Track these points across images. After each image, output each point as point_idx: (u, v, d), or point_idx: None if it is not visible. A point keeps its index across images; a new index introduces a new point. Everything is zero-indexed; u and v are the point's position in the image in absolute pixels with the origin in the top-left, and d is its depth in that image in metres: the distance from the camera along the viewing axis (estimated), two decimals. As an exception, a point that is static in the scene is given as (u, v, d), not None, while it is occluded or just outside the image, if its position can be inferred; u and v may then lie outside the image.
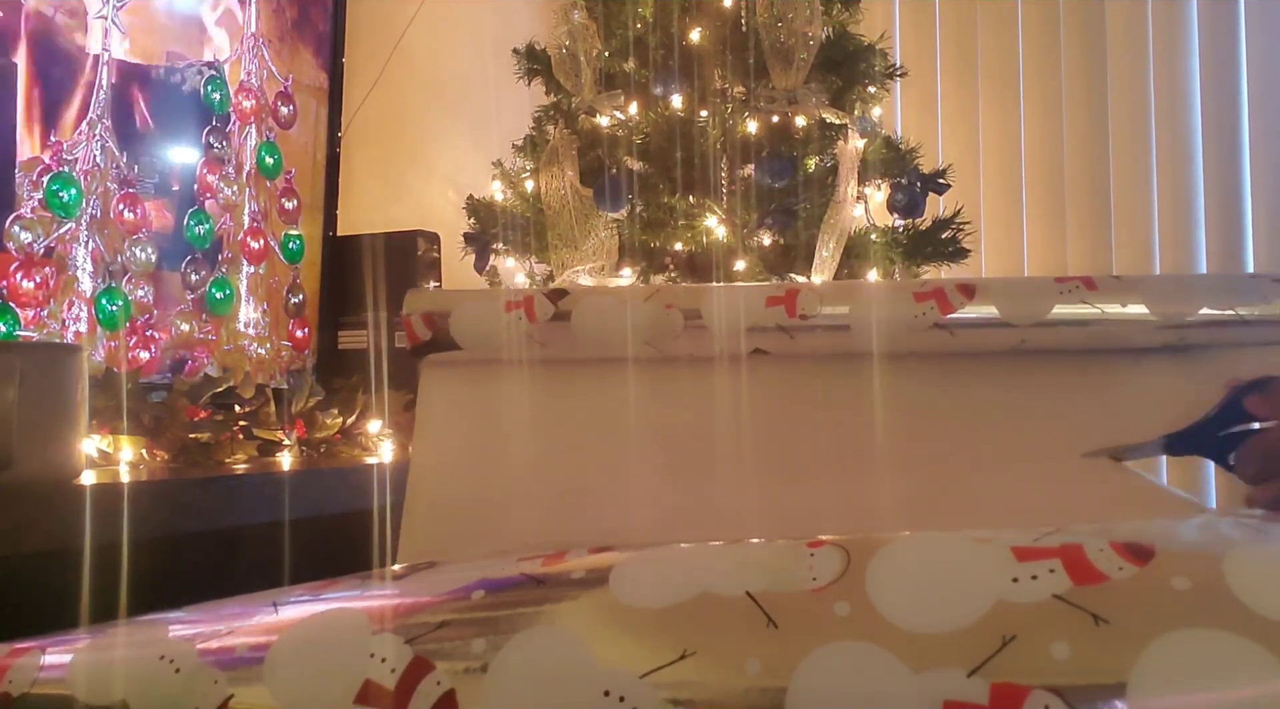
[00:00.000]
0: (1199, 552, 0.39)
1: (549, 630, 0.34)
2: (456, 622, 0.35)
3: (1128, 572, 0.36)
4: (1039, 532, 0.38)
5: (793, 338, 0.65)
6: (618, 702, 0.32)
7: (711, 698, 0.32)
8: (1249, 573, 0.35)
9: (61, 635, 0.43)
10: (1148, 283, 0.65)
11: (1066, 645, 0.29)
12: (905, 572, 0.36)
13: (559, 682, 0.33)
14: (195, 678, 0.37)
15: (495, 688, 0.34)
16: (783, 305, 0.64)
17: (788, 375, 0.66)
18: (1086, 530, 0.38)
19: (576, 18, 1.88)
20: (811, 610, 0.34)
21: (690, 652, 0.32)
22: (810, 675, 0.31)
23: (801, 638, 0.32)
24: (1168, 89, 2.49)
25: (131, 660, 0.39)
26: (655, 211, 1.88)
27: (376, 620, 0.37)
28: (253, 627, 0.39)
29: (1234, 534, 0.40)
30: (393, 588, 0.44)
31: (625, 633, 0.34)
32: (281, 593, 0.44)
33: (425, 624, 0.35)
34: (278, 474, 1.05)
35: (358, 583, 0.44)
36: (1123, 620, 0.32)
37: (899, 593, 0.35)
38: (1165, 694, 0.28)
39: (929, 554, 0.36)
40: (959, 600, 0.34)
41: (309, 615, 0.38)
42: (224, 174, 1.45)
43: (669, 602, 0.35)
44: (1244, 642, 0.31)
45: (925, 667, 0.30)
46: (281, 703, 0.36)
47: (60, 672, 0.40)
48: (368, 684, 0.35)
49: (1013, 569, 0.36)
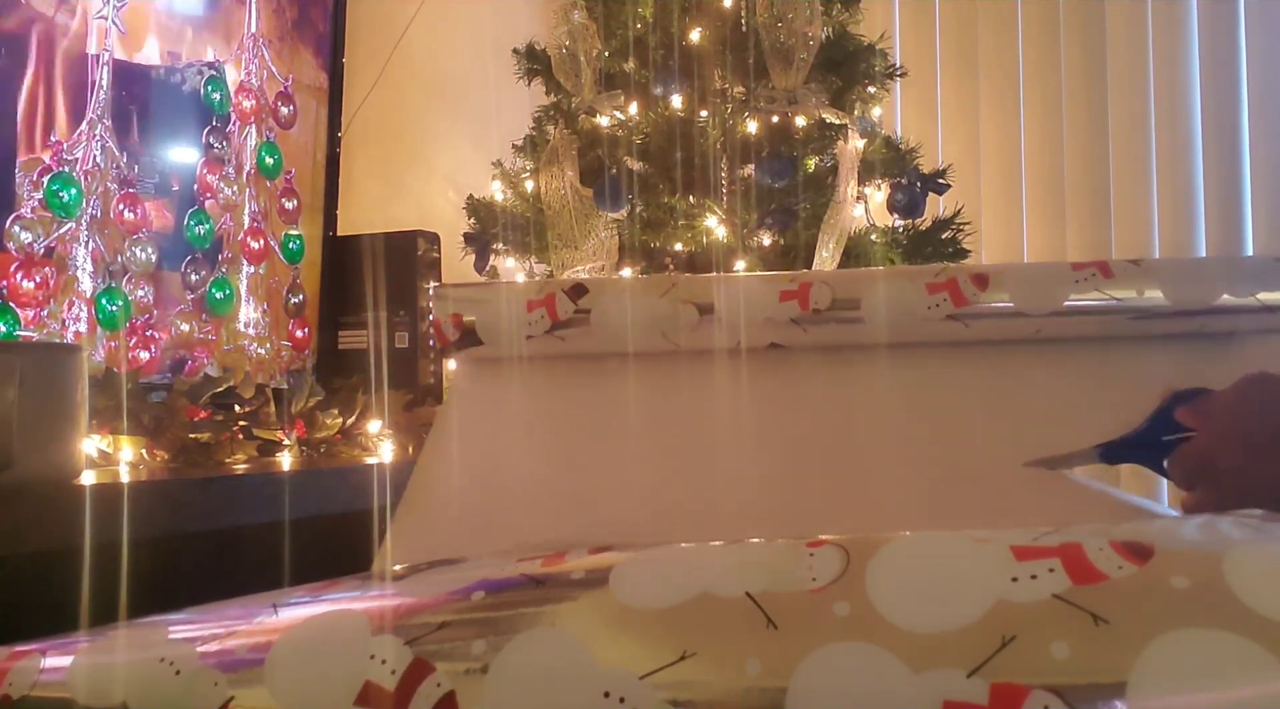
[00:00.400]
0: (1199, 551, 0.38)
1: (549, 632, 0.34)
2: (456, 623, 0.35)
3: (1127, 571, 0.36)
4: (1038, 531, 0.38)
5: (806, 331, 0.65)
6: (618, 703, 0.32)
7: (711, 699, 0.32)
8: (1249, 572, 0.35)
9: (61, 638, 0.43)
10: (1165, 269, 0.65)
11: (1066, 645, 0.29)
12: (905, 571, 0.36)
13: (559, 683, 0.33)
14: (196, 680, 0.37)
15: (495, 689, 0.33)
16: (795, 300, 0.65)
17: (800, 369, 0.66)
18: (1086, 530, 0.38)
19: (576, 18, 1.88)
20: (811, 611, 0.34)
21: (690, 653, 0.32)
22: (810, 676, 0.31)
23: (801, 638, 0.32)
24: (1168, 89, 2.49)
25: (132, 663, 0.39)
26: (655, 211, 1.88)
27: (376, 622, 0.36)
28: (253, 629, 0.39)
29: (1234, 534, 0.39)
30: (392, 589, 0.44)
31: (625, 634, 0.34)
32: (281, 594, 0.44)
33: (425, 625, 0.35)
34: (278, 474, 1.05)
35: (358, 584, 0.44)
36: (1122, 620, 0.32)
37: (899, 593, 0.35)
38: (1165, 694, 0.28)
39: (928, 554, 0.36)
40: (959, 600, 0.34)
41: (309, 617, 0.38)
42: (224, 174, 1.45)
43: (669, 602, 0.35)
44: (1244, 642, 0.31)
45: (925, 667, 0.30)
46: (282, 705, 0.36)
47: (60, 674, 0.40)
48: (368, 686, 0.35)
49: (1012, 569, 0.36)
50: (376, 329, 1.59)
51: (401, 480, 1.19)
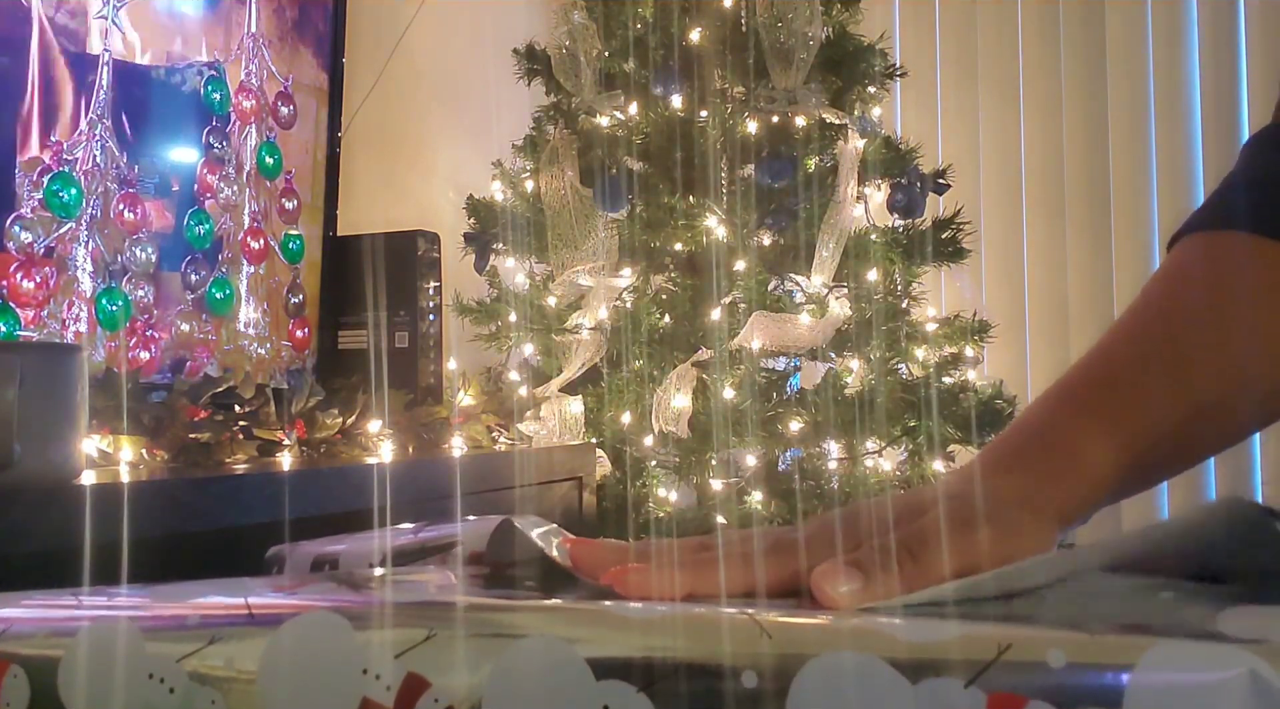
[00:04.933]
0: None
1: (546, 640, 0.34)
2: (449, 635, 0.35)
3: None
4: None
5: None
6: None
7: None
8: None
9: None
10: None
11: (1063, 654, 0.29)
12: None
13: (558, 694, 0.33)
14: (191, 698, 0.37)
15: (492, 702, 0.33)
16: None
17: None
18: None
19: (576, 18, 1.88)
20: (807, 621, 0.34)
21: (686, 661, 0.32)
22: (807, 686, 0.30)
23: (798, 648, 0.32)
24: (1168, 89, 2.49)
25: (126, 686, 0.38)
26: (655, 211, 1.88)
27: (366, 632, 0.36)
28: (237, 634, 0.38)
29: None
30: (379, 593, 0.44)
31: (623, 644, 0.34)
32: (247, 588, 0.42)
33: (416, 638, 0.35)
34: (278, 474, 1.05)
35: (333, 587, 0.43)
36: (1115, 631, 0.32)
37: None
38: (1163, 699, 0.28)
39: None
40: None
41: (292, 626, 0.37)
42: (224, 174, 1.45)
43: (663, 611, 0.35)
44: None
45: (922, 677, 0.30)
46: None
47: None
48: (365, 703, 0.34)
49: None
50: (376, 329, 1.59)
51: (401, 480, 1.20)
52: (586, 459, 1.51)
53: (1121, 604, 0.38)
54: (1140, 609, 0.37)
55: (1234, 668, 0.27)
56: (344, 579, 0.47)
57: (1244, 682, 0.27)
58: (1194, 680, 0.28)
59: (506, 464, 1.36)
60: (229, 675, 0.37)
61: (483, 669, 0.33)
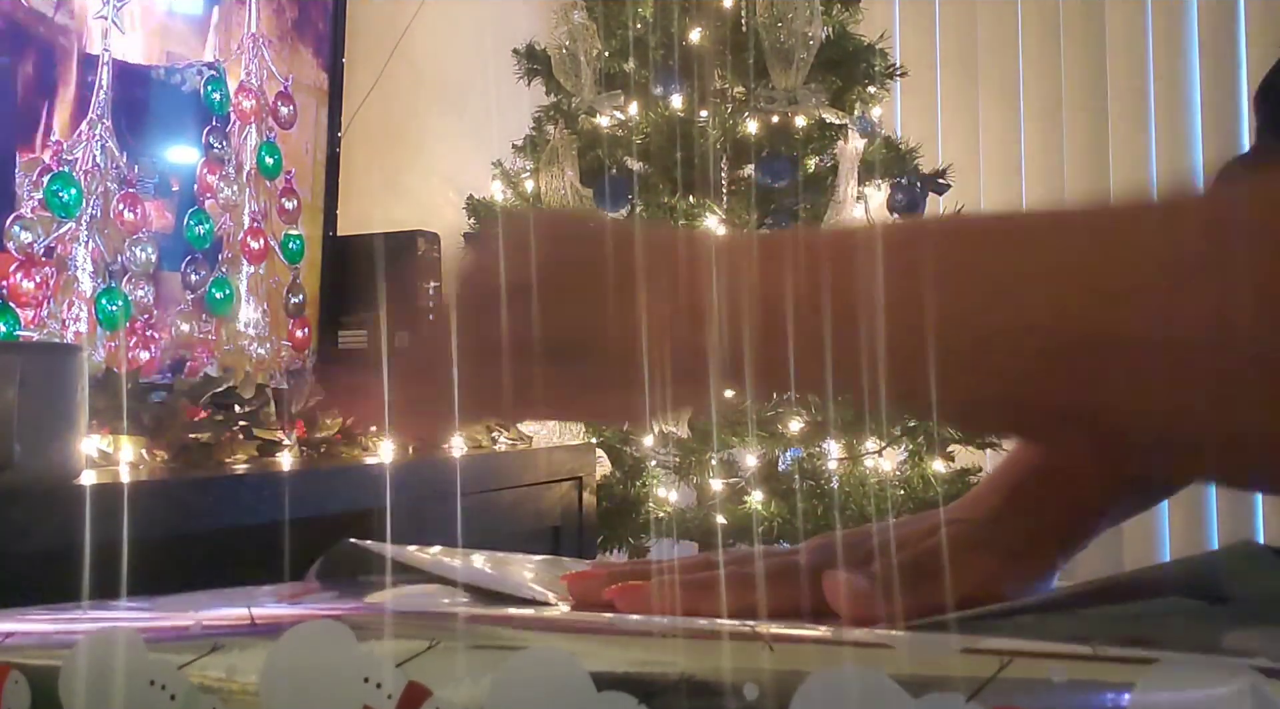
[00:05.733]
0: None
1: (548, 651, 0.34)
2: (451, 645, 0.35)
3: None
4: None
5: None
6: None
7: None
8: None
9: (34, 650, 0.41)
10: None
11: (1065, 670, 0.29)
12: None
13: (559, 706, 0.33)
14: (193, 705, 0.37)
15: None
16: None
17: None
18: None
19: (576, 18, 1.88)
20: (809, 635, 0.34)
21: (688, 674, 0.32)
22: (809, 700, 0.30)
23: (800, 662, 0.32)
24: (1167, 89, 2.49)
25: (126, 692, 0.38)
26: (655, 211, 1.88)
27: (367, 641, 0.36)
28: (239, 642, 0.38)
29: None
30: (384, 602, 0.44)
31: (624, 657, 0.34)
32: (250, 597, 0.42)
33: (418, 648, 0.35)
34: (278, 474, 1.05)
35: (336, 596, 0.43)
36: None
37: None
38: None
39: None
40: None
41: (294, 635, 0.37)
42: (224, 174, 1.45)
43: (665, 623, 0.35)
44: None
45: (924, 692, 0.30)
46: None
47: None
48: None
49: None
50: (376, 329, 1.59)
51: (402, 480, 1.19)
52: (586, 459, 1.51)
53: (1124, 622, 0.38)
54: (1143, 628, 0.38)
55: (1236, 686, 0.27)
56: (349, 587, 0.47)
57: (1246, 700, 0.27)
58: (1196, 699, 0.28)
59: (506, 464, 1.36)
60: (231, 683, 0.37)
61: (484, 680, 0.33)
